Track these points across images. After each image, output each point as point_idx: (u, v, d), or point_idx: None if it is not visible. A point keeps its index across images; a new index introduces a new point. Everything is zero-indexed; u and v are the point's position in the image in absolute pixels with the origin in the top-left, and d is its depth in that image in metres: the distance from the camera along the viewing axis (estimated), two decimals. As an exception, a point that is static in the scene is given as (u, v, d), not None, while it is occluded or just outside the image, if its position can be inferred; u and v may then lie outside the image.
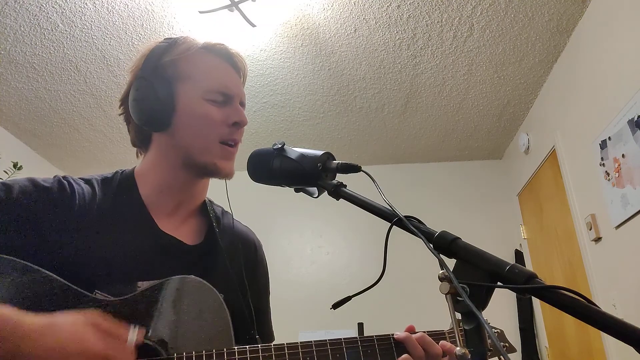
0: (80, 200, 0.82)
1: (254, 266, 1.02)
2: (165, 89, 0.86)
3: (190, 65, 0.89)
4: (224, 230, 0.97)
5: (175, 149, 0.89)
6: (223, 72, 0.92)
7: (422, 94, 3.14)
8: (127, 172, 0.92)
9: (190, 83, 0.88)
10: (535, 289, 0.45)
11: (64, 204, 0.80)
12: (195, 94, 0.87)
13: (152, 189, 0.89)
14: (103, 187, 0.87)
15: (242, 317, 0.89)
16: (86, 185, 0.86)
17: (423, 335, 0.82)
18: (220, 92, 0.88)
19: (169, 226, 0.88)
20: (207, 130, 0.87)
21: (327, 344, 0.77)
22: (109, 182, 0.89)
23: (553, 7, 2.43)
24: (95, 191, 0.86)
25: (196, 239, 0.92)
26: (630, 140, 2.09)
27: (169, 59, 0.89)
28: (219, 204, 1.03)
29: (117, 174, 0.92)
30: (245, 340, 0.88)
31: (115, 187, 0.88)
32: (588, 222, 2.52)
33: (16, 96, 3.02)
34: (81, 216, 0.80)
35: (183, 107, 0.87)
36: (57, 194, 0.80)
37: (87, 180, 0.87)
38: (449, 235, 0.55)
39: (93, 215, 0.82)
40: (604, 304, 2.34)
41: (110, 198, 0.86)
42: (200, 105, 0.87)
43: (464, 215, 3.78)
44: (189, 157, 0.88)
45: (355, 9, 2.43)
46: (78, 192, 0.83)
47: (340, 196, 0.69)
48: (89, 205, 0.83)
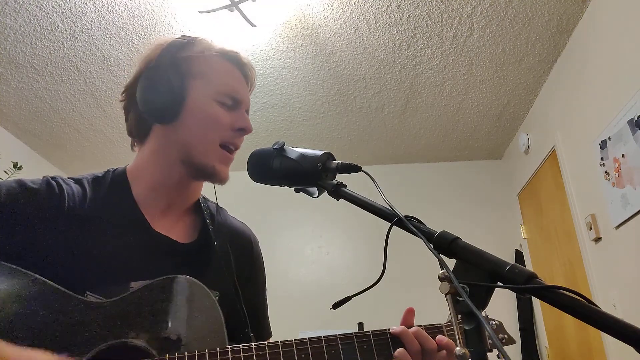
0: (69, 201, 0.81)
1: (250, 262, 1.01)
2: (178, 81, 0.86)
3: (205, 66, 0.89)
4: (219, 227, 0.96)
5: (175, 144, 0.87)
6: (235, 78, 0.92)
7: (422, 94, 3.14)
8: (119, 170, 0.91)
9: (203, 82, 0.88)
10: (535, 289, 0.45)
11: (52, 205, 0.79)
12: (206, 93, 0.87)
13: (146, 187, 0.88)
14: (94, 187, 0.86)
15: (237, 315, 0.88)
16: (76, 185, 0.84)
17: (419, 329, 0.81)
18: (230, 96, 0.89)
19: (161, 225, 0.88)
20: (212, 131, 0.87)
21: (322, 340, 0.75)
22: (100, 182, 0.88)
23: (553, 7, 2.43)
24: (86, 191, 0.84)
25: (190, 237, 0.92)
26: (630, 140, 2.09)
27: (187, 55, 0.89)
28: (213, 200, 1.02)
29: (108, 173, 0.90)
30: (239, 338, 0.87)
31: (107, 186, 0.87)
32: (588, 222, 2.52)
33: (16, 96, 3.02)
34: (71, 217, 0.79)
35: (193, 103, 0.86)
36: (46, 195, 0.79)
37: (78, 180, 0.86)
38: (449, 235, 0.55)
39: (84, 216, 0.80)
40: (604, 304, 2.34)
41: (102, 198, 0.85)
42: (210, 105, 0.87)
43: (464, 215, 3.78)
44: (189, 154, 0.87)
45: (355, 9, 2.43)
46: (67, 192, 0.81)
47: (340, 196, 0.69)
48: (79, 205, 0.81)
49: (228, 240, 0.96)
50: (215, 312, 0.79)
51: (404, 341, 0.79)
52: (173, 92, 0.85)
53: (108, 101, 3.12)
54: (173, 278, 0.77)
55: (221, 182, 0.90)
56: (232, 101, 0.89)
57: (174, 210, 0.92)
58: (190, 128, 0.86)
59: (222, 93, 0.88)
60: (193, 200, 0.96)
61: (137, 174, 0.90)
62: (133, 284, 0.78)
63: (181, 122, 0.86)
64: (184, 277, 0.78)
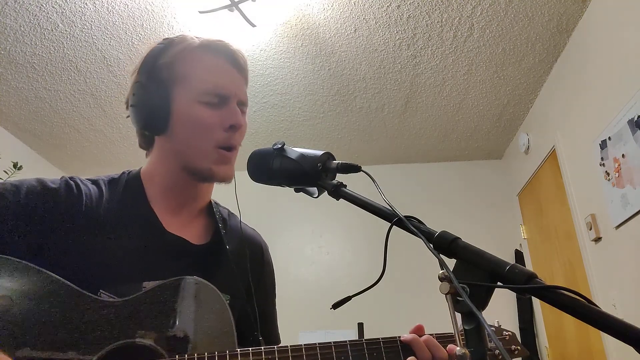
0: (87, 201, 0.82)
1: (260, 268, 1.02)
2: (160, 93, 0.85)
3: (186, 66, 0.87)
4: (231, 231, 0.97)
5: (172, 153, 0.89)
6: (219, 71, 0.88)
7: (422, 94, 3.14)
8: (133, 172, 0.93)
9: (185, 85, 0.86)
10: (535, 289, 0.45)
11: (71, 205, 0.80)
12: (189, 97, 0.85)
13: (157, 190, 0.90)
14: (110, 188, 0.88)
15: (247, 319, 0.89)
16: (93, 186, 0.86)
17: (429, 337, 0.81)
18: (215, 94, 0.86)
19: (174, 226, 0.88)
20: (202, 135, 0.85)
21: (331, 346, 0.74)
22: (115, 183, 0.90)
23: (553, 7, 2.43)
24: (103, 192, 0.86)
25: (203, 239, 0.92)
26: (630, 140, 2.09)
27: (165, 60, 0.87)
28: (225, 206, 1.03)
29: (123, 174, 0.92)
30: (249, 342, 0.88)
31: (122, 187, 0.89)
32: (588, 222, 2.52)
33: (16, 96, 3.02)
34: (89, 217, 0.81)
35: (177, 111, 0.85)
36: (65, 195, 0.81)
37: (94, 181, 0.88)
38: (449, 235, 0.55)
39: (100, 216, 0.82)
40: (604, 304, 2.34)
41: (117, 199, 0.86)
42: (194, 108, 0.85)
43: (464, 215, 3.78)
44: (186, 161, 0.88)
45: (355, 9, 2.43)
46: (85, 193, 0.83)
47: (340, 196, 0.69)
48: (96, 206, 0.83)
49: (239, 245, 0.96)
50: (226, 314, 0.79)
51: (415, 349, 0.79)
52: (157, 106, 0.85)
53: (108, 101, 3.12)
54: (185, 279, 0.78)
55: (223, 182, 0.89)
56: (218, 98, 0.86)
57: (187, 211, 0.93)
58: (180, 136, 0.86)
59: (205, 92, 0.85)
60: (204, 202, 0.97)
61: (149, 177, 0.91)
62: (146, 284, 0.78)
63: (172, 132, 0.86)
64: (195, 279, 0.79)
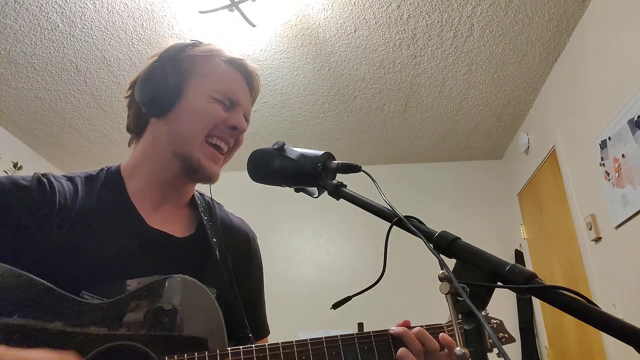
0: (61, 198, 0.79)
1: (247, 259, 1.00)
2: (176, 78, 0.87)
3: (207, 66, 0.90)
4: (216, 222, 0.96)
5: (166, 136, 0.88)
6: (235, 82, 0.92)
7: (422, 94, 3.14)
8: (113, 168, 0.91)
9: (201, 81, 0.89)
10: (535, 289, 0.45)
11: (44, 202, 0.77)
12: (202, 92, 0.88)
13: (140, 183, 0.88)
14: (87, 184, 0.86)
15: (234, 312, 0.88)
16: (68, 183, 0.84)
17: (421, 329, 0.81)
18: (228, 97, 0.89)
19: (157, 220, 0.87)
20: (201, 122, 0.87)
21: (323, 341, 0.75)
22: (93, 179, 0.88)
23: (553, 7, 2.43)
24: (78, 188, 0.84)
25: (186, 232, 0.91)
26: (630, 140, 2.09)
27: (190, 54, 0.90)
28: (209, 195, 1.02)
29: (102, 171, 0.90)
30: (238, 338, 0.87)
31: (100, 183, 0.87)
32: (588, 222, 2.52)
33: (16, 96, 3.02)
34: (63, 214, 0.78)
35: (188, 99, 0.87)
36: (37, 193, 0.78)
37: (70, 178, 0.85)
38: (449, 235, 0.55)
39: (76, 213, 0.79)
40: (604, 304, 2.34)
41: (95, 195, 0.84)
42: (205, 101, 0.87)
43: (464, 215, 3.78)
44: (178, 147, 0.87)
45: (355, 9, 2.43)
46: (59, 189, 0.80)
47: (340, 196, 0.69)
48: (71, 203, 0.80)
49: (226, 236, 0.95)
50: (214, 312, 0.78)
51: (405, 341, 0.79)
52: (169, 86, 0.86)
53: (108, 101, 3.11)
54: (171, 278, 0.76)
55: (209, 180, 0.89)
56: (229, 102, 0.90)
57: (170, 205, 0.91)
58: (181, 119, 0.87)
59: (220, 92, 0.88)
60: (188, 196, 0.96)
61: (132, 171, 0.90)
62: (129, 282, 0.77)
63: (174, 115, 0.87)
64: (182, 277, 0.77)
